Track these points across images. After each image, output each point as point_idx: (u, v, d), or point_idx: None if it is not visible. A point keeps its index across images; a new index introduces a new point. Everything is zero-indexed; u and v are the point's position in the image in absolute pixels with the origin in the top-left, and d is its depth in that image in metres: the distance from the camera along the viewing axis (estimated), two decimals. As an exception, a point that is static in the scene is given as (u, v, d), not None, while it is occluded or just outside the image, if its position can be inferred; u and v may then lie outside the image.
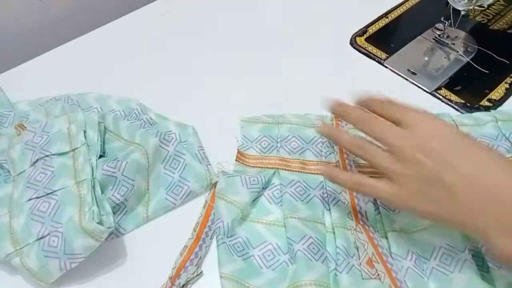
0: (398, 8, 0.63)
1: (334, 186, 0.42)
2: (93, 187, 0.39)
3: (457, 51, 0.56)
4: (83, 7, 0.69)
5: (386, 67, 0.55)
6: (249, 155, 0.45)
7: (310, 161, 0.44)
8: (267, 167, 0.44)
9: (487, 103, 0.50)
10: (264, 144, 0.46)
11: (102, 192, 0.39)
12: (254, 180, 0.42)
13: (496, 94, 0.51)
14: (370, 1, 0.64)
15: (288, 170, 0.43)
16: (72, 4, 0.68)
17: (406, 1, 0.64)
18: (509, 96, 0.51)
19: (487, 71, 0.53)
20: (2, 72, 0.57)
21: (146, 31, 0.62)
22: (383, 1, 0.64)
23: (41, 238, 0.36)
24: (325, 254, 0.37)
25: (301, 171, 0.43)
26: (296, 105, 0.51)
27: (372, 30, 0.60)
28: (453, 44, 0.57)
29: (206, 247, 0.39)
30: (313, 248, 0.37)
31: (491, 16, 0.61)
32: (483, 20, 0.60)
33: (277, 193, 0.42)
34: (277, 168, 0.43)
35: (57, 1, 0.66)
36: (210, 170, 0.44)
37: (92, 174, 0.40)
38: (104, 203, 0.38)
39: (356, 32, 0.60)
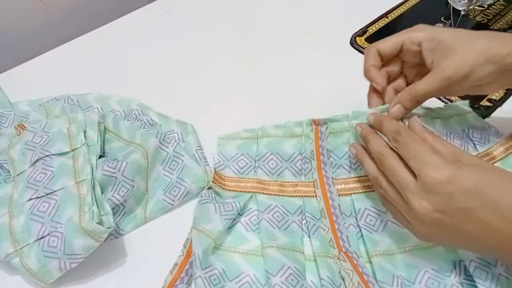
0: (398, 8, 0.63)
1: (312, 212, 0.40)
2: (93, 187, 0.39)
3: (457, 51, 0.56)
4: (83, 7, 0.69)
5: (386, 67, 0.55)
6: (225, 177, 0.43)
7: (288, 182, 0.42)
8: (244, 191, 0.42)
9: (487, 103, 0.50)
10: (241, 163, 0.44)
11: (102, 193, 0.39)
12: (228, 206, 0.40)
13: (496, 94, 0.51)
14: (370, 1, 0.64)
15: (265, 193, 0.42)
16: (72, 4, 0.68)
17: (406, 1, 0.64)
18: (509, 96, 0.51)
19: (487, 71, 0.53)
20: (2, 72, 0.57)
21: (146, 31, 0.63)
22: (383, 1, 0.64)
23: (41, 238, 0.36)
24: (305, 285, 0.35)
25: (279, 195, 0.42)
26: (296, 105, 0.51)
27: (372, 30, 0.60)
28: (453, 44, 0.56)
29: None
30: (292, 280, 0.35)
31: (491, 16, 0.61)
32: (483, 20, 0.60)
33: (254, 219, 0.40)
34: (254, 192, 0.42)
35: (57, 1, 0.66)
36: (207, 170, 0.44)
37: (92, 174, 0.40)
38: (104, 203, 0.38)
39: (356, 32, 0.60)
